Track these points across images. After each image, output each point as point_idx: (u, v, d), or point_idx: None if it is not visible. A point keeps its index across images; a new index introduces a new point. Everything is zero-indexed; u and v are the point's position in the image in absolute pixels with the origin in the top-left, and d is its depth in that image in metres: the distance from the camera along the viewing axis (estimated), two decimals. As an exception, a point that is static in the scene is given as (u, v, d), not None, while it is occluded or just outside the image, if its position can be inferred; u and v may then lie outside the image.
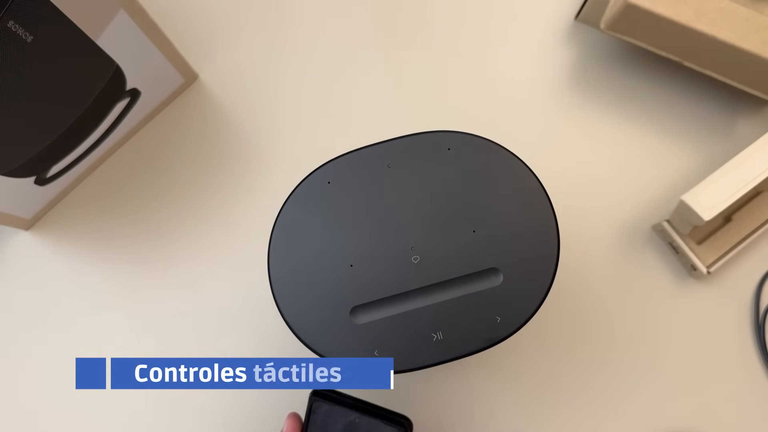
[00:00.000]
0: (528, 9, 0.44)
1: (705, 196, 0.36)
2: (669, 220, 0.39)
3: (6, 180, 0.34)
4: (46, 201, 0.40)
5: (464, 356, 0.28)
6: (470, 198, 0.28)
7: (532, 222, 0.28)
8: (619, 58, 0.43)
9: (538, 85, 0.43)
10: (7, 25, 0.27)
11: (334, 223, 0.28)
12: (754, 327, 0.40)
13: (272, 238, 0.29)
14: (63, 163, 0.38)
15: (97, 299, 0.40)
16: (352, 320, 0.28)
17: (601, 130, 0.42)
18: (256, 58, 0.43)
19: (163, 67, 0.39)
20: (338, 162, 0.29)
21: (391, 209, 0.28)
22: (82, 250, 0.41)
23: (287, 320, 0.28)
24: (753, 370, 0.40)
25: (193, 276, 0.40)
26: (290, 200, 0.29)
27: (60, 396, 0.39)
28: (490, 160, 0.29)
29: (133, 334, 0.40)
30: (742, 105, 0.43)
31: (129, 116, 0.39)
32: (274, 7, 0.44)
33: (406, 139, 0.29)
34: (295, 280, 0.28)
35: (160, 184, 0.41)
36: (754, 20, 0.35)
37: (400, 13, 0.44)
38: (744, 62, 0.36)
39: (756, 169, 0.36)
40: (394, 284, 0.28)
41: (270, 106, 0.42)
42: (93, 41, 0.32)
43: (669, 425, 0.39)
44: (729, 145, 0.41)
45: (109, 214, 0.41)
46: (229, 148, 0.42)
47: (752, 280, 0.41)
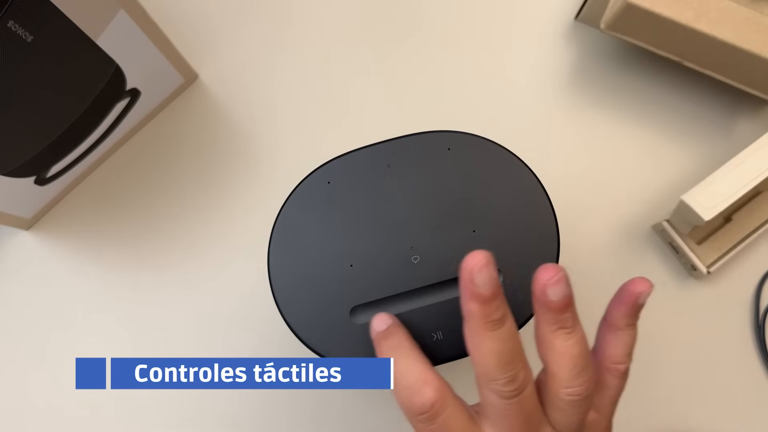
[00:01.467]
0: (528, 9, 0.44)
1: (705, 196, 0.36)
2: (669, 220, 0.39)
3: (6, 180, 0.34)
4: (46, 201, 0.40)
5: (464, 356, 0.28)
6: (470, 198, 0.28)
7: (532, 222, 0.28)
8: (619, 58, 0.43)
9: (537, 85, 0.43)
10: (7, 25, 0.27)
11: (334, 223, 0.28)
12: (754, 327, 0.40)
13: (272, 238, 0.29)
14: (63, 163, 0.38)
15: (97, 299, 0.41)
16: (353, 320, 0.28)
17: (600, 129, 0.42)
18: (257, 58, 0.43)
19: (163, 67, 0.39)
20: (338, 162, 0.29)
21: (391, 209, 0.28)
22: (82, 249, 0.41)
23: (287, 320, 0.28)
24: (753, 370, 0.40)
25: (193, 276, 0.40)
26: (290, 200, 0.29)
27: (60, 396, 0.39)
28: (490, 160, 0.29)
29: (133, 334, 0.40)
30: (742, 105, 0.43)
31: (129, 116, 0.39)
32: (274, 7, 0.44)
33: (406, 139, 0.29)
34: (295, 280, 0.28)
35: (160, 183, 0.41)
36: (754, 20, 0.35)
37: (399, 12, 0.44)
38: (744, 62, 0.36)
39: (756, 169, 0.36)
40: (394, 284, 0.28)
41: (270, 106, 0.42)
42: (93, 41, 0.32)
43: (668, 425, 0.39)
44: (729, 145, 0.41)
45: (109, 214, 0.41)
46: (229, 148, 0.42)
47: (752, 280, 0.41)
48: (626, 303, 0.26)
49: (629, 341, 0.26)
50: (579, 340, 0.24)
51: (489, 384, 0.23)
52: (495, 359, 0.23)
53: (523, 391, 0.23)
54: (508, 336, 0.23)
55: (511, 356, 0.23)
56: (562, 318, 0.23)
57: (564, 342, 0.24)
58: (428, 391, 0.24)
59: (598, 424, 0.27)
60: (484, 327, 0.23)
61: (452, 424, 0.24)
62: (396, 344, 0.26)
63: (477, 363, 0.24)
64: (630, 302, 0.25)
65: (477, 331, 0.23)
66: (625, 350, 0.26)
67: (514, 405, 0.23)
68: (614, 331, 0.26)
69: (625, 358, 0.26)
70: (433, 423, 0.24)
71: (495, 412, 0.24)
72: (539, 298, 0.23)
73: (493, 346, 0.23)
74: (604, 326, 0.27)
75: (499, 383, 0.23)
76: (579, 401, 0.24)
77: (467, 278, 0.23)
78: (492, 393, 0.23)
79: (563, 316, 0.23)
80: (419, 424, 0.24)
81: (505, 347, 0.23)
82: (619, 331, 0.26)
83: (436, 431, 0.24)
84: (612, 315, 0.26)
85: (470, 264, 0.23)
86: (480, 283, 0.22)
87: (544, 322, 0.24)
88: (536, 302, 0.24)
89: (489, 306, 0.23)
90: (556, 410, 0.24)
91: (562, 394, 0.24)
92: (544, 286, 0.23)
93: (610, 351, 0.26)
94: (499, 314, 0.23)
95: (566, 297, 0.23)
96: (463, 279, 0.23)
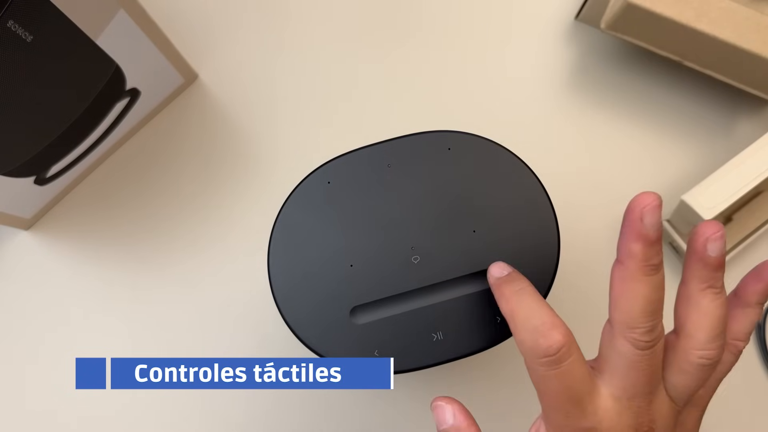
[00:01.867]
0: (528, 8, 0.44)
1: (705, 196, 0.36)
2: (669, 220, 0.39)
3: (6, 180, 0.34)
4: (46, 201, 0.40)
5: (464, 356, 0.28)
6: (470, 198, 0.28)
7: (532, 221, 0.28)
8: (619, 58, 0.43)
9: (537, 85, 0.43)
10: (7, 25, 0.27)
11: (334, 223, 0.28)
12: (754, 327, 0.40)
13: (272, 238, 0.29)
14: (63, 162, 0.38)
15: (96, 298, 0.40)
16: (352, 320, 0.28)
17: (600, 129, 0.42)
18: (256, 58, 0.43)
19: (163, 67, 0.39)
20: (338, 162, 0.29)
21: (391, 209, 0.28)
22: (81, 249, 0.41)
23: (287, 320, 0.28)
24: (753, 370, 0.40)
25: (193, 276, 0.40)
26: (290, 200, 0.29)
27: (60, 396, 0.39)
28: (490, 160, 0.29)
29: (132, 334, 0.40)
30: (742, 105, 0.43)
31: (129, 116, 0.39)
32: (274, 6, 0.44)
33: (406, 138, 0.29)
34: (295, 280, 0.28)
35: (160, 183, 0.41)
36: (754, 20, 0.35)
37: (399, 12, 0.44)
38: (744, 62, 0.36)
39: (756, 169, 0.36)
40: (395, 284, 0.28)
41: (270, 105, 0.42)
42: (93, 41, 0.32)
43: (669, 425, 0.39)
44: (729, 145, 0.41)
45: (108, 214, 0.41)
46: (228, 147, 0.42)
47: (752, 280, 0.41)
48: (765, 280, 0.25)
49: (754, 320, 0.25)
50: (723, 302, 0.23)
51: (628, 332, 0.23)
52: (643, 305, 0.22)
53: (657, 344, 0.23)
54: (659, 284, 0.23)
55: (657, 305, 0.23)
56: (715, 276, 0.23)
57: (711, 302, 0.23)
58: (556, 334, 0.23)
59: (702, 399, 0.26)
60: (642, 270, 0.22)
61: (575, 372, 0.23)
62: (520, 288, 0.25)
63: (621, 308, 0.23)
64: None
65: (633, 273, 0.23)
66: (749, 328, 0.25)
67: (646, 357, 0.23)
68: (744, 307, 0.25)
69: (746, 336, 0.25)
70: (557, 367, 0.23)
71: (623, 363, 0.23)
72: (698, 252, 0.23)
73: (645, 291, 0.22)
74: (734, 300, 0.26)
75: (639, 331, 0.23)
76: (708, 366, 0.23)
77: (636, 216, 0.22)
78: (627, 342, 0.23)
79: (716, 275, 0.23)
80: (541, 367, 0.23)
81: (655, 295, 0.23)
82: (749, 308, 0.25)
83: (558, 376, 0.23)
84: (745, 290, 0.25)
85: (643, 202, 0.22)
86: (649, 223, 0.22)
87: (696, 278, 0.23)
88: (693, 257, 0.23)
89: (652, 249, 0.22)
90: (680, 372, 0.24)
91: (693, 356, 0.23)
92: (707, 240, 0.22)
93: (735, 326, 0.25)
94: (658, 260, 0.23)
95: (723, 256, 0.23)
96: (632, 216, 0.22)
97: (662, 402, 0.24)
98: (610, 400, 0.23)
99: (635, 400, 0.23)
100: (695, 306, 0.24)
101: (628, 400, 0.23)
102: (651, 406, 0.24)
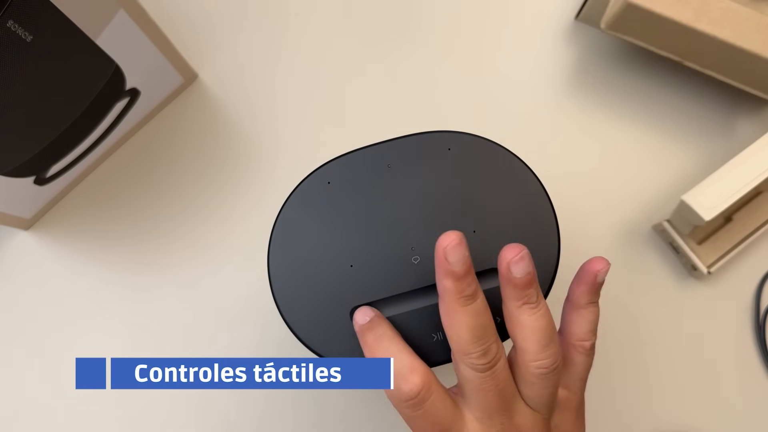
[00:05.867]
0: (527, 9, 0.44)
1: (705, 196, 0.36)
2: (669, 220, 0.39)
3: (5, 180, 0.34)
4: (46, 201, 0.40)
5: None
6: (470, 198, 0.28)
7: (532, 222, 0.28)
8: (620, 58, 0.43)
9: (537, 85, 0.43)
10: (7, 25, 0.27)
11: (334, 224, 0.28)
12: (755, 327, 0.40)
13: (272, 238, 0.29)
14: (62, 162, 0.38)
15: (96, 299, 0.40)
16: (352, 320, 0.28)
17: (600, 129, 0.42)
18: (256, 58, 0.43)
19: (162, 67, 0.38)
20: (338, 162, 0.29)
21: (392, 209, 0.28)
22: (81, 249, 0.41)
23: (287, 320, 0.28)
24: (753, 370, 0.40)
25: (193, 276, 0.40)
26: (290, 200, 0.29)
27: (60, 396, 0.39)
28: (491, 160, 0.29)
29: (132, 334, 0.40)
30: (742, 105, 0.43)
31: (129, 116, 0.39)
32: (274, 7, 0.44)
33: (406, 139, 0.29)
34: (295, 281, 0.28)
35: (159, 183, 0.41)
36: (754, 20, 0.35)
37: (399, 13, 0.44)
38: (744, 62, 0.36)
39: (756, 169, 0.36)
40: (395, 284, 0.28)
41: (270, 105, 0.42)
42: (93, 41, 0.32)
43: (668, 425, 0.39)
44: (729, 145, 0.41)
45: (108, 214, 0.41)
46: (229, 147, 0.42)
47: (753, 280, 0.41)
48: (586, 282, 0.27)
49: (592, 318, 0.27)
50: (543, 314, 0.25)
51: (464, 359, 0.24)
52: (468, 333, 0.24)
53: (496, 364, 0.25)
54: (480, 311, 0.24)
55: (483, 330, 0.24)
56: (527, 294, 0.24)
57: (530, 316, 0.25)
58: (414, 377, 0.25)
59: (569, 401, 0.28)
60: (458, 302, 0.24)
61: (437, 409, 0.25)
62: (380, 335, 0.26)
63: (452, 338, 0.25)
64: (589, 281, 0.27)
65: (451, 307, 0.24)
66: (589, 327, 0.27)
67: (488, 378, 0.24)
68: (577, 310, 0.27)
69: (589, 335, 0.27)
70: (419, 408, 0.25)
71: (471, 387, 0.25)
72: (505, 276, 0.25)
73: (466, 320, 0.24)
74: (568, 306, 0.28)
75: (473, 357, 0.24)
76: (548, 374, 0.25)
77: (441, 257, 0.24)
78: (467, 367, 0.25)
79: (527, 292, 0.24)
80: (406, 410, 0.25)
81: (477, 321, 0.24)
82: (582, 309, 0.27)
83: (423, 416, 0.25)
84: (574, 294, 0.28)
85: (444, 243, 0.24)
86: (453, 260, 0.24)
87: (510, 298, 0.25)
88: (502, 280, 0.25)
89: (462, 282, 0.24)
90: (528, 385, 0.25)
91: (531, 368, 0.25)
92: (509, 264, 0.24)
93: (575, 329, 0.27)
94: (471, 290, 0.24)
95: (529, 273, 0.24)
96: (438, 258, 0.24)
97: (524, 414, 0.25)
98: (475, 424, 0.25)
99: (495, 418, 0.25)
100: (517, 322, 0.25)
101: (489, 419, 0.25)
102: (513, 420, 0.25)
